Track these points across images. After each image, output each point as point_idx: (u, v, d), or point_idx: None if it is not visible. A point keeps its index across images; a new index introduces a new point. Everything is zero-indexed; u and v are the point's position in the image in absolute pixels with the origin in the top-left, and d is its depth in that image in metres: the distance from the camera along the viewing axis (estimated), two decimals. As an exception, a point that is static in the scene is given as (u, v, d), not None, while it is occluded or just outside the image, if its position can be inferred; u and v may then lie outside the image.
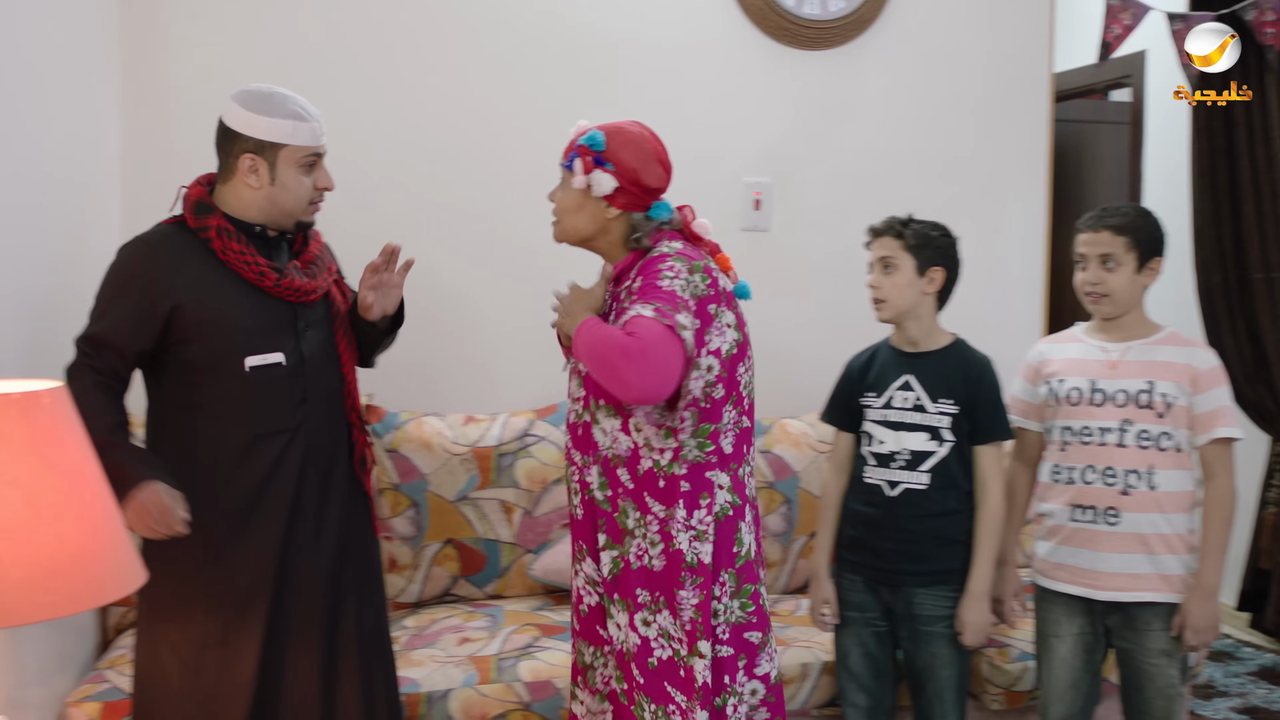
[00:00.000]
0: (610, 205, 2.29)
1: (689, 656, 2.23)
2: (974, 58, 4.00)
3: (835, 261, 3.86)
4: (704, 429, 2.25)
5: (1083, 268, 2.67)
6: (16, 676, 2.33)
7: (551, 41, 3.66)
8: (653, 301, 2.13)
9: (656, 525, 2.25)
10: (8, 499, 1.61)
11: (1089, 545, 2.60)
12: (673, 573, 2.24)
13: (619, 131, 2.30)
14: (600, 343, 2.13)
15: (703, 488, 2.26)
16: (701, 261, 2.26)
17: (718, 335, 2.24)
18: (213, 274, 2.29)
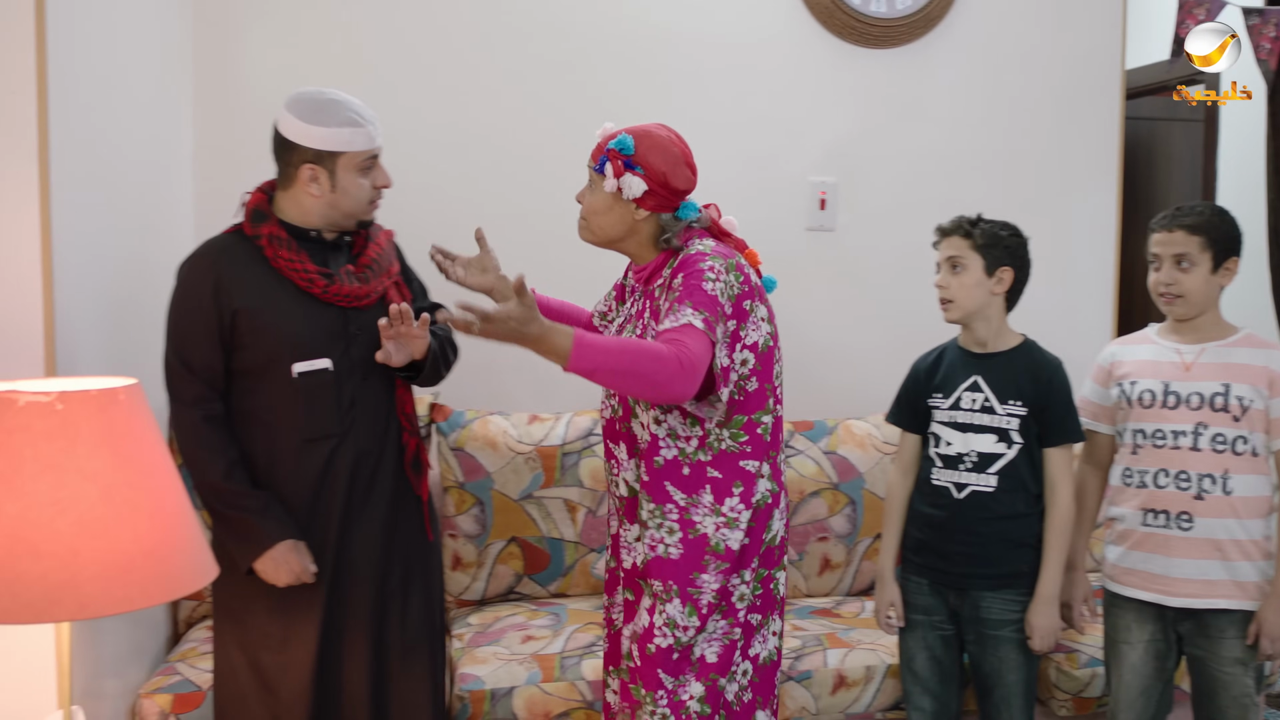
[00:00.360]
0: (639, 207, 2.32)
1: (694, 638, 2.28)
2: (1044, 54, 3.95)
3: (901, 261, 3.84)
4: (737, 420, 2.29)
5: (1156, 268, 2.62)
6: (92, 667, 2.38)
7: (614, 43, 3.66)
8: (701, 310, 2.16)
9: (676, 513, 2.28)
10: (85, 494, 1.64)
11: (1161, 550, 2.56)
12: (692, 559, 2.27)
13: (647, 135, 2.32)
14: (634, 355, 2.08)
15: (736, 476, 2.29)
16: (735, 259, 2.29)
17: (753, 330, 2.28)
18: (267, 281, 2.35)
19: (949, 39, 3.87)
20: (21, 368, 2.06)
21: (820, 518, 3.44)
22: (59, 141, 2.16)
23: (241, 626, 2.40)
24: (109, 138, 2.56)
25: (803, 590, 3.46)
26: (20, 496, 1.61)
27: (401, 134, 3.51)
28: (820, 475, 3.45)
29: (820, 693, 2.88)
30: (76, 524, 1.62)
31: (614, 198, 2.32)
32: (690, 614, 2.27)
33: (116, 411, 1.71)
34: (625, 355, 2.08)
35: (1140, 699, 2.62)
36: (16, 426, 1.62)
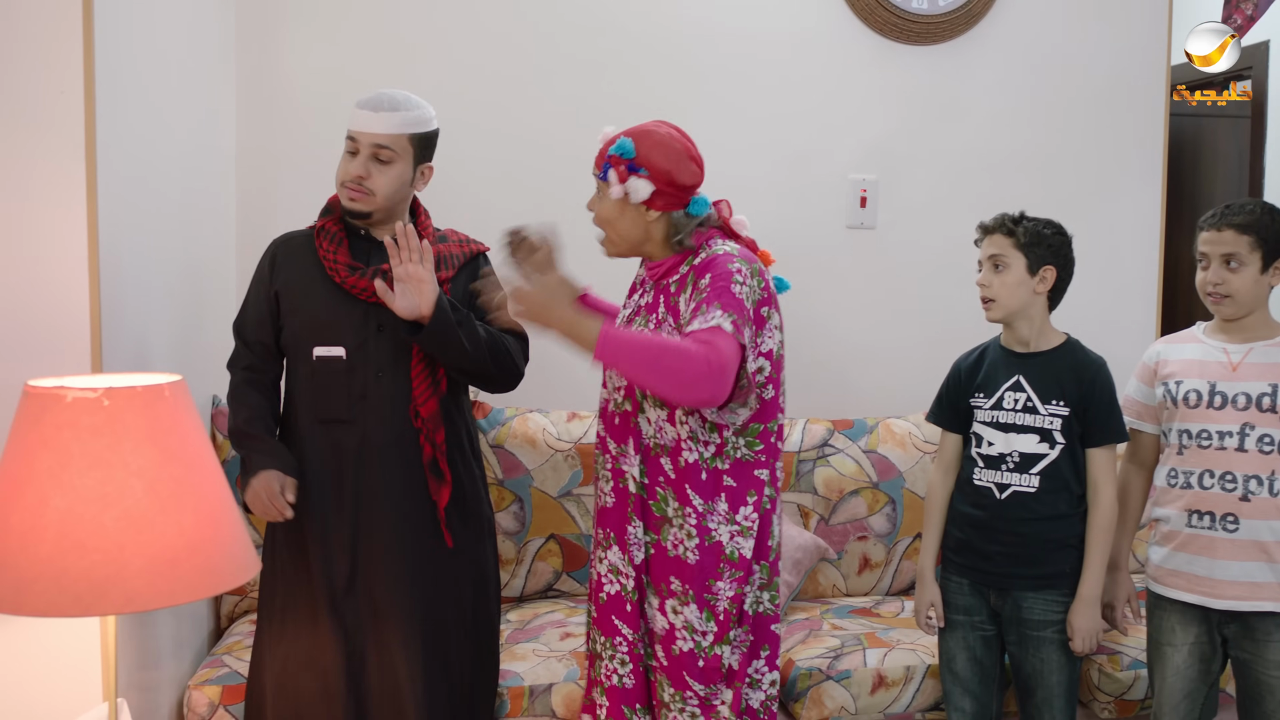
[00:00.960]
0: (649, 209, 2.29)
1: (716, 646, 2.27)
2: (1088, 50, 3.91)
3: (942, 259, 3.81)
4: (754, 429, 2.28)
5: (1204, 267, 2.59)
6: (137, 660, 2.41)
7: (654, 41, 3.66)
8: (730, 312, 2.13)
9: (694, 518, 2.26)
10: (131, 489, 1.66)
11: (1206, 552, 2.53)
12: (709, 566, 2.26)
13: (646, 134, 2.29)
14: (660, 352, 2.07)
15: (750, 485, 2.29)
16: (757, 265, 2.27)
17: (769, 337, 2.27)
18: (309, 268, 2.50)
19: (991, 35, 3.84)
20: (69, 364, 2.09)
21: (860, 517, 3.42)
22: (105, 141, 2.18)
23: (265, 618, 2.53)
24: (154, 137, 2.58)
25: (842, 589, 3.44)
26: (68, 491, 1.63)
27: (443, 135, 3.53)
28: (860, 474, 3.44)
29: (859, 692, 2.87)
30: (122, 519, 1.64)
31: (623, 203, 2.29)
32: (708, 619, 2.27)
33: (162, 407, 1.72)
34: (652, 349, 2.08)
35: (1184, 702, 2.59)
36: (64, 422, 1.64)
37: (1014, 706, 2.79)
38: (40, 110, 2.06)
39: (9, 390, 1.84)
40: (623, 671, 2.37)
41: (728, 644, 2.28)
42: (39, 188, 2.07)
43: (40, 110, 2.06)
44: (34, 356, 2.06)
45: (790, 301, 3.77)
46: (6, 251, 2.05)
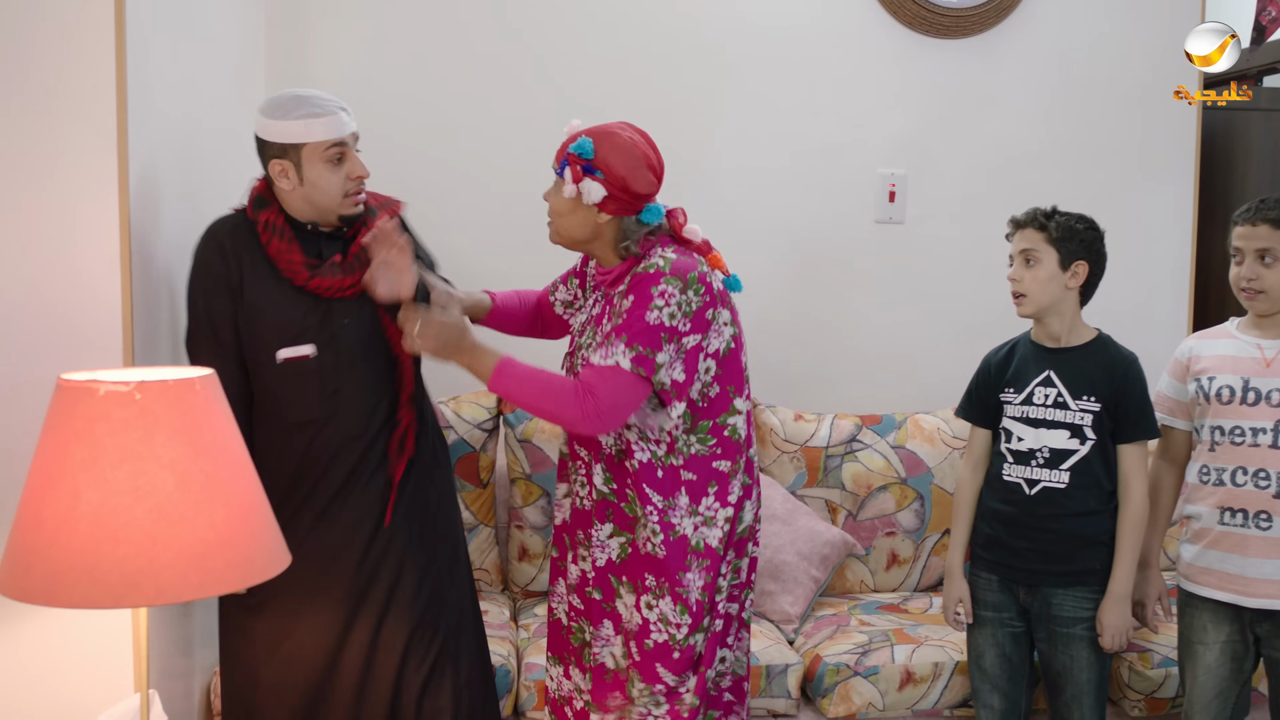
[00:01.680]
0: (601, 211, 2.28)
1: (690, 636, 2.29)
2: (1119, 43, 3.88)
3: (972, 254, 3.80)
4: (703, 425, 2.30)
5: (1238, 262, 2.56)
6: (168, 651, 2.43)
7: (683, 34, 3.66)
8: (635, 344, 2.18)
9: (656, 515, 2.29)
10: (162, 482, 1.67)
11: (1238, 550, 2.51)
12: (676, 559, 2.29)
13: (609, 136, 2.28)
14: (538, 391, 2.24)
15: (710, 477, 2.31)
16: (695, 273, 2.25)
17: (715, 338, 2.29)
18: (261, 266, 2.37)
19: (1021, 28, 3.82)
20: (101, 358, 2.10)
21: (888, 513, 3.41)
22: (137, 135, 2.19)
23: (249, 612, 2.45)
24: (185, 133, 2.60)
25: (869, 585, 3.44)
26: (100, 484, 1.63)
27: (467, 128, 3.54)
28: (888, 470, 3.42)
29: (887, 689, 2.86)
30: (154, 511, 1.65)
31: (575, 202, 2.29)
32: (681, 612, 2.29)
33: (193, 401, 1.73)
34: (535, 392, 2.24)
35: (1216, 701, 2.57)
36: (97, 416, 1.65)
37: (1043, 704, 2.78)
38: (72, 105, 2.07)
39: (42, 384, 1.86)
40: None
41: (701, 633, 2.31)
42: (71, 183, 2.08)
43: (72, 105, 2.07)
44: (67, 350, 2.07)
45: (817, 296, 3.79)
46: (40, 247, 2.06)
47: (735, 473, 2.33)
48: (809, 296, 3.81)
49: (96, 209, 2.10)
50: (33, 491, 1.67)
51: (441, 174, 3.52)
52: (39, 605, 1.66)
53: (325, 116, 2.33)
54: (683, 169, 3.70)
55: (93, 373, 1.75)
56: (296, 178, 2.35)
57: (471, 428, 3.29)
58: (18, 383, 2.03)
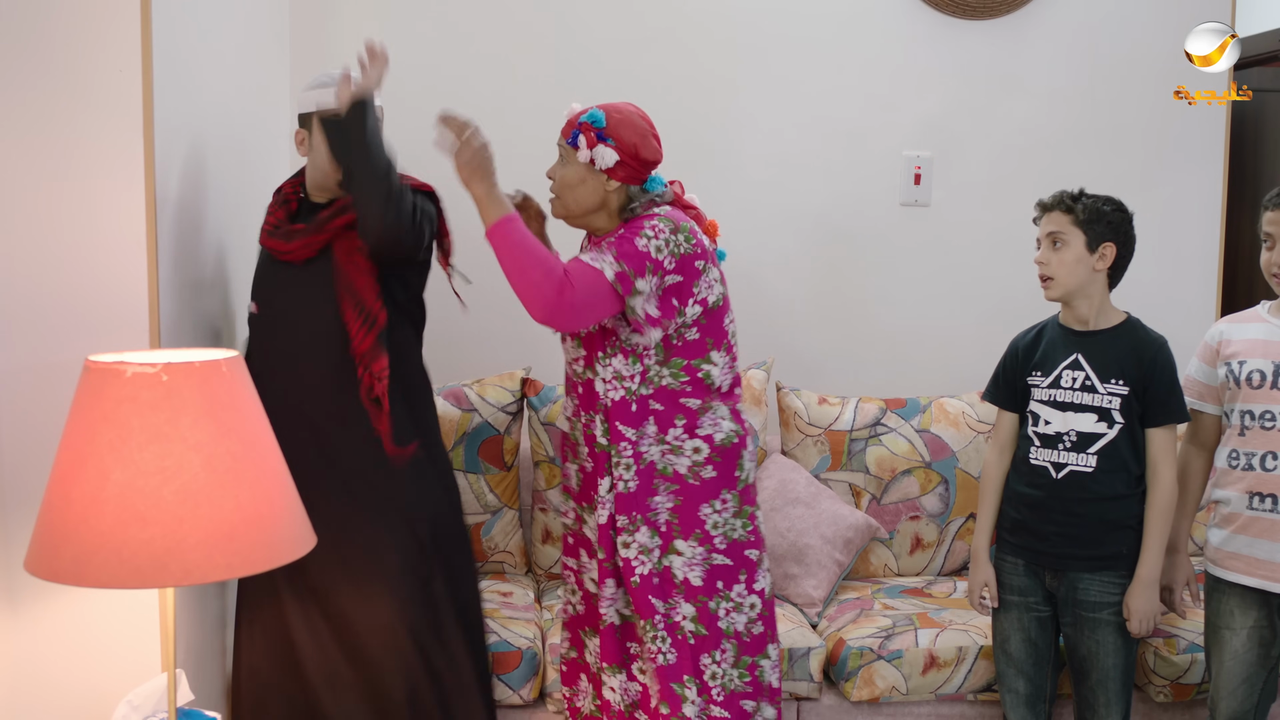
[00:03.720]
0: (610, 178, 2.42)
1: (664, 558, 2.42)
2: (1146, 24, 3.84)
3: (998, 236, 3.77)
4: (676, 361, 2.41)
5: (1269, 247, 2.53)
6: (195, 631, 2.44)
7: (709, 15, 3.65)
8: (621, 261, 2.30)
9: (629, 449, 2.41)
10: (189, 463, 1.67)
11: (1267, 535, 2.49)
12: (645, 486, 2.41)
13: (616, 110, 2.43)
14: (531, 257, 2.28)
15: (677, 410, 2.42)
16: (687, 223, 2.41)
17: (706, 288, 2.40)
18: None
19: (1048, 10, 3.78)
20: (128, 339, 2.11)
21: (912, 496, 3.40)
22: (163, 119, 2.20)
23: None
24: (210, 115, 2.60)
25: (893, 569, 3.43)
26: (128, 465, 1.64)
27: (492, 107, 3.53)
28: (912, 454, 3.41)
29: (911, 672, 2.86)
30: (181, 492, 1.66)
31: (586, 170, 2.42)
32: (652, 535, 2.42)
33: (219, 383, 1.73)
34: (526, 255, 2.28)
35: (1243, 686, 2.56)
36: (124, 397, 1.66)
37: (1068, 689, 2.77)
38: (98, 89, 2.08)
39: (70, 365, 1.87)
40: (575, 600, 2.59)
41: (675, 554, 2.41)
42: (98, 166, 2.09)
43: (98, 89, 2.08)
44: (94, 332, 2.08)
45: (842, 279, 3.78)
46: (67, 229, 2.07)
47: (712, 413, 2.43)
48: (834, 279, 3.79)
49: (123, 191, 2.11)
50: (61, 472, 1.68)
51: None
52: (67, 585, 1.67)
53: (332, 87, 2.40)
54: (708, 151, 3.70)
55: (120, 354, 1.76)
56: (308, 145, 2.50)
57: (495, 410, 3.30)
58: (45, 364, 2.04)
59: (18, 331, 2.05)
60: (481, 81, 3.56)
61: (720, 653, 2.43)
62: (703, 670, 2.42)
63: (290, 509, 1.82)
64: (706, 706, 2.42)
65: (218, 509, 1.69)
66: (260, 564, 1.74)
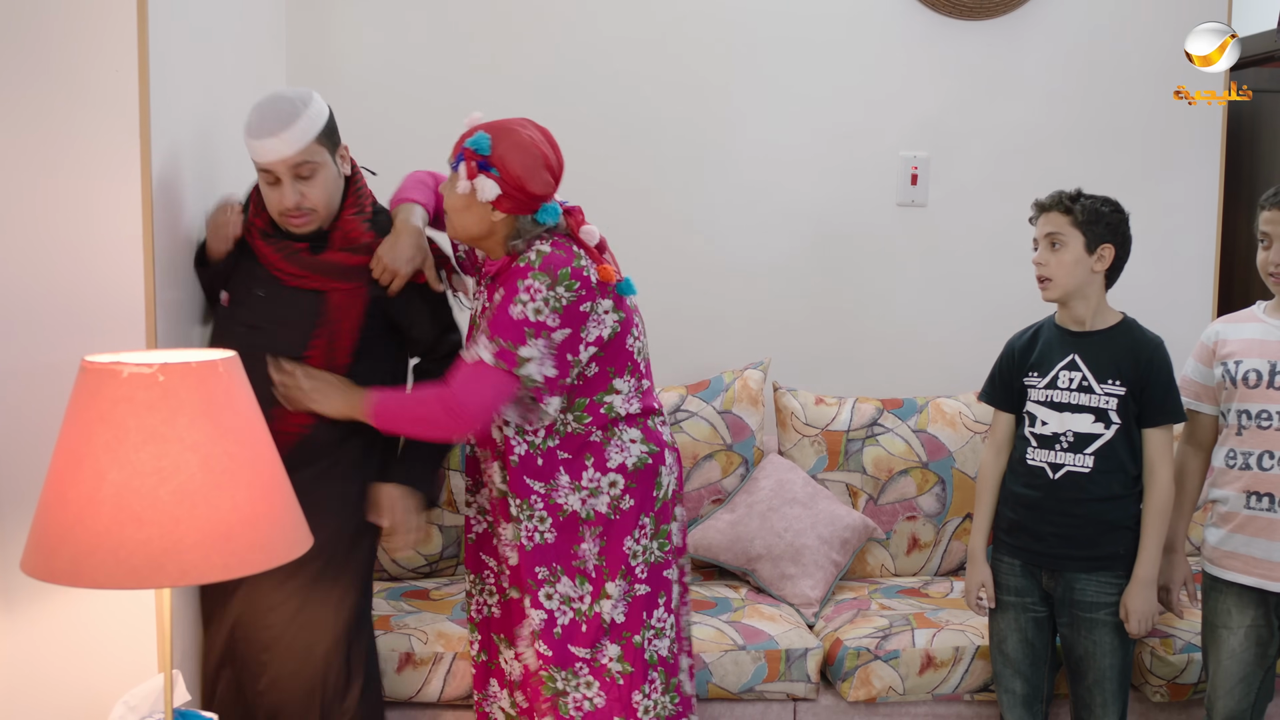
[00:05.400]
0: (496, 209, 2.25)
1: (594, 604, 2.35)
2: (1144, 24, 3.84)
3: (994, 237, 3.77)
4: (579, 403, 2.34)
5: (1266, 246, 2.53)
6: (191, 631, 2.44)
7: (705, 15, 3.64)
8: (496, 338, 2.23)
9: (541, 503, 2.36)
10: (186, 463, 1.67)
11: (1264, 534, 2.49)
12: (568, 536, 2.36)
13: (507, 133, 2.24)
14: (413, 412, 2.33)
15: (585, 451, 2.36)
16: (567, 268, 2.24)
17: (595, 325, 2.30)
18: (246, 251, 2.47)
19: (1045, 10, 3.78)
20: (125, 340, 2.11)
21: (909, 496, 3.40)
22: (159, 119, 2.19)
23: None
24: (207, 115, 2.60)
25: (890, 570, 3.43)
26: (124, 465, 1.64)
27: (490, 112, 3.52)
28: (909, 454, 3.41)
29: (908, 673, 2.86)
30: (177, 493, 1.66)
31: (469, 198, 2.25)
32: (581, 582, 2.36)
33: (216, 383, 1.73)
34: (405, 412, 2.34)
35: (1240, 686, 2.56)
36: (120, 397, 1.66)
37: (1065, 689, 2.77)
38: (94, 88, 2.08)
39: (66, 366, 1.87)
40: (490, 602, 2.55)
41: (606, 599, 2.35)
42: (94, 166, 2.09)
43: (94, 88, 2.08)
44: (90, 332, 2.08)
45: (839, 279, 3.78)
46: (63, 229, 2.07)
47: (609, 440, 2.36)
48: (830, 279, 3.79)
49: (119, 191, 2.11)
50: (57, 473, 1.68)
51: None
52: (64, 585, 1.67)
53: (252, 139, 2.32)
54: (704, 152, 3.70)
55: (116, 355, 1.76)
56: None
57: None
58: (41, 365, 2.04)
59: (13, 331, 2.05)
60: (475, 84, 3.56)
61: (649, 685, 2.39)
62: (635, 708, 2.37)
63: (287, 509, 1.82)
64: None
65: (214, 509, 1.69)
66: (257, 564, 1.74)
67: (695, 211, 3.70)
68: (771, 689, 2.85)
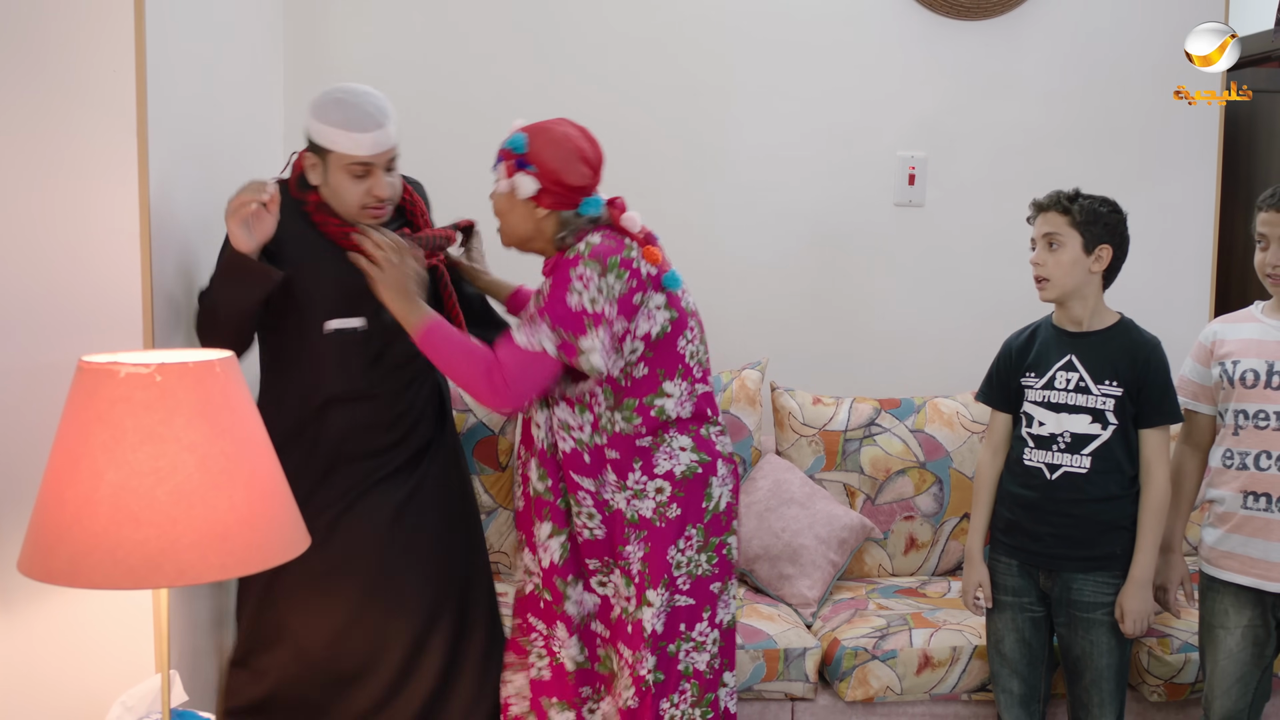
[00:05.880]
0: (538, 206, 2.32)
1: (637, 610, 2.35)
2: (1141, 25, 3.84)
3: (992, 237, 3.78)
4: (628, 404, 2.34)
5: (1263, 248, 2.54)
6: (188, 632, 2.44)
7: (704, 16, 3.64)
8: (558, 329, 2.25)
9: (590, 499, 2.38)
10: (183, 463, 1.67)
11: (1261, 534, 2.49)
12: (615, 535, 2.38)
13: (542, 131, 2.32)
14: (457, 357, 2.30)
15: (633, 454, 2.35)
16: (617, 257, 2.28)
17: (645, 320, 2.32)
18: (308, 238, 2.41)
19: (1042, 10, 3.79)
20: (122, 340, 2.11)
21: (906, 496, 3.40)
22: (157, 119, 2.19)
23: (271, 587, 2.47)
24: (204, 117, 2.60)
25: (888, 569, 3.43)
26: (121, 465, 1.64)
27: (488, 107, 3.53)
28: (906, 454, 3.41)
29: (905, 672, 2.86)
30: (175, 493, 1.65)
31: (511, 197, 2.33)
32: (627, 584, 2.38)
33: (213, 383, 1.73)
34: (451, 352, 2.30)
35: (1237, 685, 2.56)
36: (118, 397, 1.65)
37: (1062, 689, 2.77)
38: (92, 89, 2.07)
39: (63, 366, 1.86)
40: (540, 665, 2.48)
41: (648, 606, 2.34)
42: (92, 166, 2.09)
43: (92, 89, 2.07)
44: (88, 332, 2.08)
45: (836, 279, 3.78)
46: (61, 229, 2.07)
47: (658, 445, 2.36)
48: (828, 279, 3.79)
49: (117, 191, 2.11)
50: (54, 473, 1.68)
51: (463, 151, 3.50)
52: (61, 586, 1.67)
53: (357, 134, 2.34)
54: (703, 152, 3.70)
55: (113, 355, 1.76)
56: (322, 177, 2.40)
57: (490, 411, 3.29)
58: (39, 365, 2.04)
59: (11, 331, 2.04)
60: (474, 84, 3.56)
61: (679, 694, 2.39)
62: (661, 715, 2.37)
63: (284, 509, 1.82)
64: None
65: (212, 509, 1.68)
66: (254, 564, 1.74)
67: (693, 211, 3.70)
68: (769, 688, 2.86)
